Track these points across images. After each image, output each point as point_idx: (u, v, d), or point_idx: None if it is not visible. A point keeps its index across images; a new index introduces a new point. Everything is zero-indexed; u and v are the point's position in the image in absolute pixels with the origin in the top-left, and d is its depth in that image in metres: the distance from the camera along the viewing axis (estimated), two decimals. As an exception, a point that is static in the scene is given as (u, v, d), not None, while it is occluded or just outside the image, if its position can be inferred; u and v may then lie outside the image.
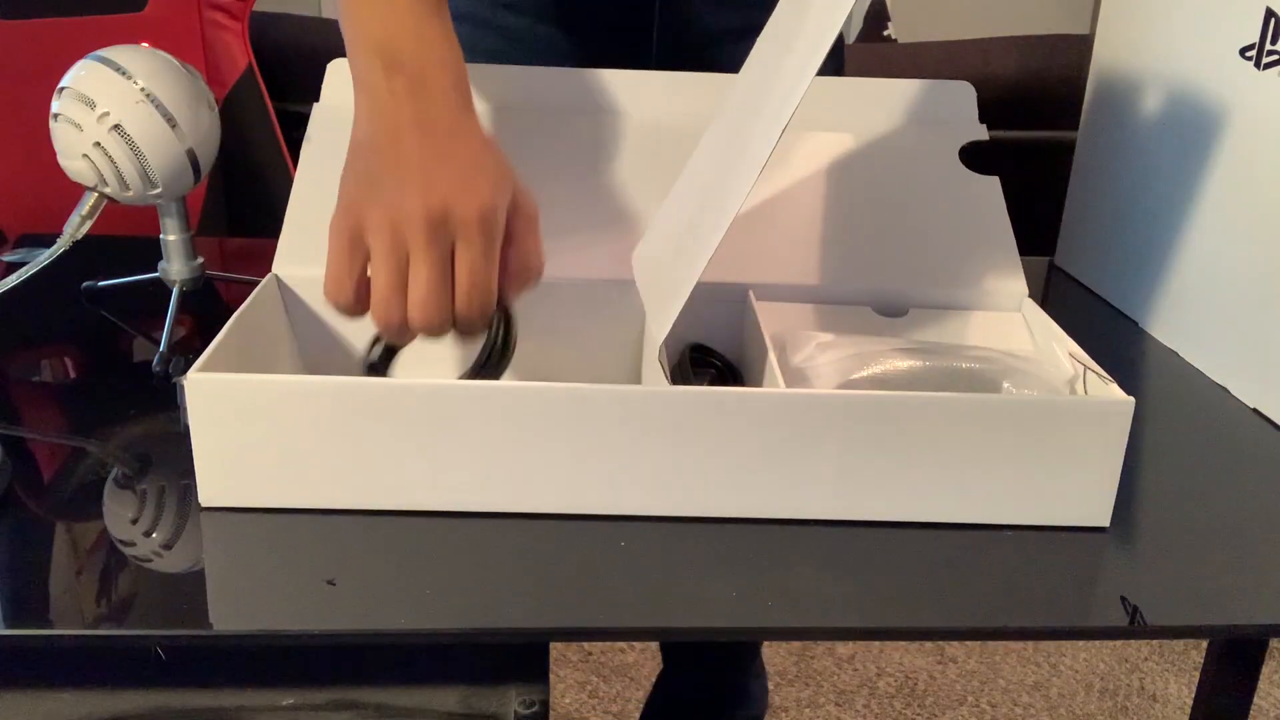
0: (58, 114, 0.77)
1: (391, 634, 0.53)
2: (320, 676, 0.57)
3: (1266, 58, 0.76)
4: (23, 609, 0.54)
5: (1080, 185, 1.02)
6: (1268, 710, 1.77)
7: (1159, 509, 0.66)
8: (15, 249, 0.94)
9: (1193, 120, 0.84)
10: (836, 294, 0.76)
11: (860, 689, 1.76)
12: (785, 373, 0.66)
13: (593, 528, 0.60)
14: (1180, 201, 0.85)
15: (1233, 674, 0.98)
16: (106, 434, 0.69)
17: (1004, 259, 0.77)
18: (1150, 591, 0.59)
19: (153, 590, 0.56)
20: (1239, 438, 0.75)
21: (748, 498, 0.61)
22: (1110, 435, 0.61)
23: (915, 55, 1.89)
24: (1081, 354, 0.66)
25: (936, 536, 0.61)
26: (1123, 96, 0.94)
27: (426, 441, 0.59)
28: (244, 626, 0.53)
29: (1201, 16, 0.83)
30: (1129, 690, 1.79)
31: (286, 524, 0.59)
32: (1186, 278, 0.85)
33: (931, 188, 0.80)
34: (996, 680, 1.79)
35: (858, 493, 0.61)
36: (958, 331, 0.76)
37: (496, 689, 0.57)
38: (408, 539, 0.59)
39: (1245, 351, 0.79)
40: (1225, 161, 0.81)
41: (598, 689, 1.75)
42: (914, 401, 0.60)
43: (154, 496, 0.62)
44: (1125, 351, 0.87)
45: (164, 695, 0.56)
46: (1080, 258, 1.01)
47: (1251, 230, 0.78)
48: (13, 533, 0.60)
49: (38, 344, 0.82)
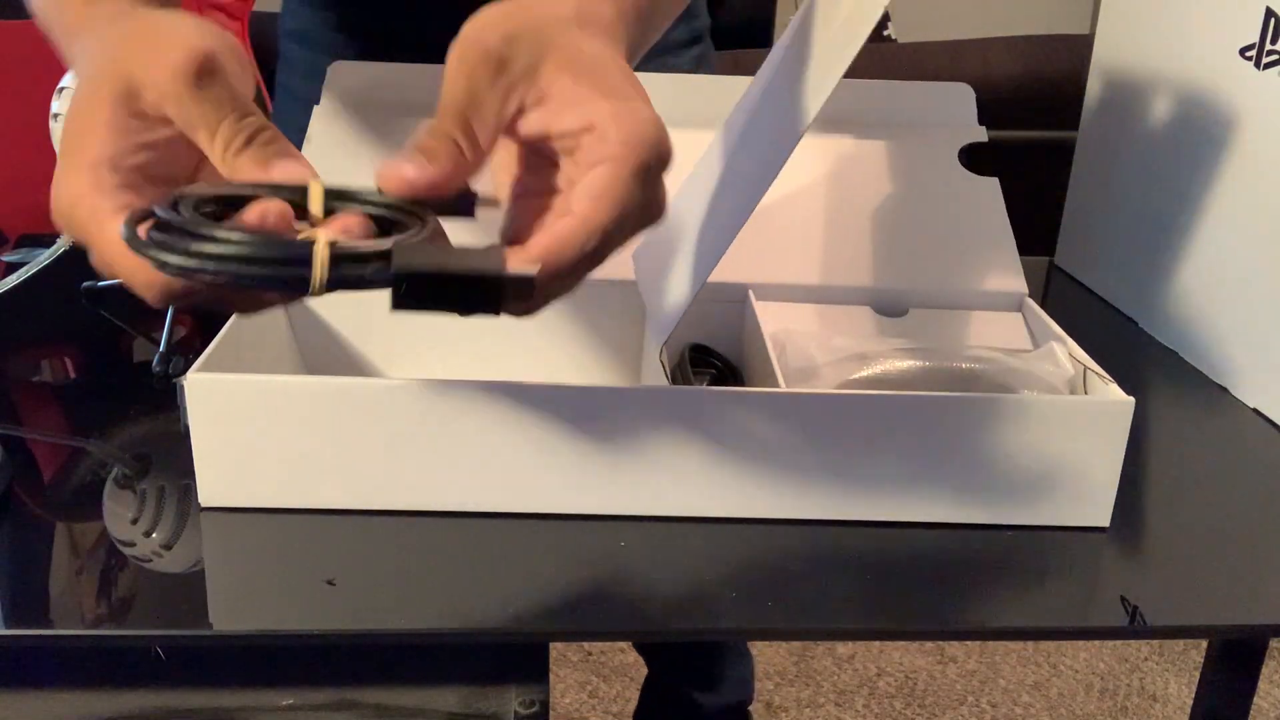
0: (58, 114, 0.77)
1: (391, 634, 0.53)
2: (320, 676, 0.57)
3: (1266, 58, 0.76)
4: (23, 609, 0.54)
5: (1080, 185, 1.02)
6: (1268, 710, 1.77)
7: (1159, 509, 0.66)
8: (15, 249, 0.94)
9: (1193, 120, 0.84)
10: (836, 294, 0.76)
11: (860, 689, 1.76)
12: (785, 373, 0.66)
13: (593, 528, 0.60)
14: (1180, 201, 0.85)
15: (1233, 674, 0.98)
16: (106, 434, 0.69)
17: (1004, 259, 0.77)
18: (1150, 591, 0.59)
19: (153, 590, 0.56)
20: (1239, 438, 0.75)
21: (747, 498, 0.61)
22: (1110, 435, 0.61)
23: (915, 55, 1.89)
24: (1081, 354, 0.66)
25: (937, 536, 0.61)
26: (1123, 96, 0.94)
27: (426, 442, 0.59)
28: (244, 626, 0.53)
29: (1201, 16, 0.83)
30: (1129, 690, 1.79)
31: (286, 524, 0.59)
32: (1186, 278, 0.85)
33: (931, 188, 0.80)
34: (996, 680, 1.79)
35: (858, 493, 0.61)
36: (958, 331, 0.76)
37: (496, 689, 0.57)
38: (407, 539, 0.59)
39: (1245, 351, 0.79)
40: (1225, 161, 0.81)
41: (598, 689, 1.75)
42: (914, 401, 0.60)
43: (154, 496, 0.62)
44: (1125, 351, 0.87)
45: (164, 695, 0.56)
46: (1080, 258, 1.01)
47: (1252, 230, 0.78)
48: (13, 533, 0.60)
49: (38, 344, 0.82)
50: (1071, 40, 1.89)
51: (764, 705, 1.72)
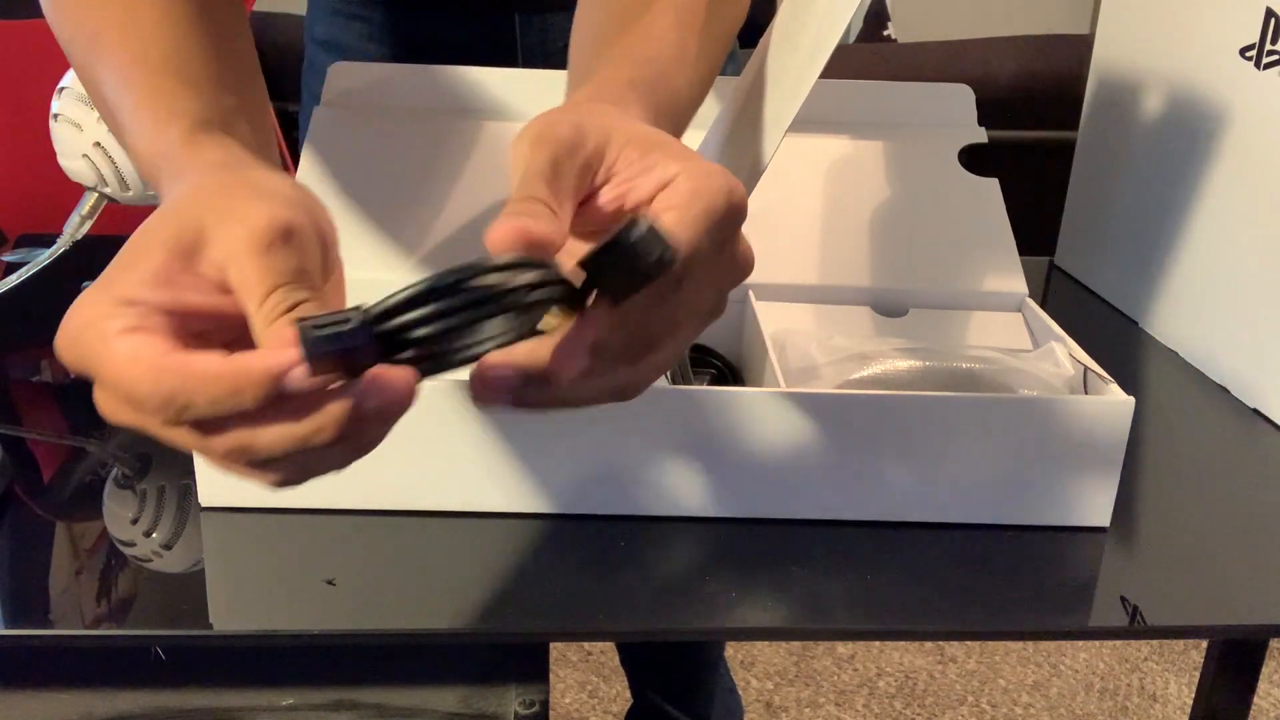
0: (58, 114, 0.77)
1: (391, 634, 0.53)
2: (320, 676, 0.57)
3: (1266, 58, 0.76)
4: (23, 609, 0.54)
5: (1080, 185, 1.01)
6: (1268, 710, 1.77)
7: (1159, 509, 0.66)
8: (15, 249, 0.94)
9: (1193, 120, 0.84)
10: (836, 294, 0.76)
11: (860, 689, 1.76)
12: (785, 373, 0.66)
13: (593, 528, 0.60)
14: (1180, 201, 0.85)
15: (1233, 674, 0.98)
16: (106, 434, 0.69)
17: (1004, 259, 0.77)
18: (1150, 591, 0.59)
19: (153, 590, 0.56)
20: (1239, 438, 0.75)
21: (748, 498, 0.61)
22: (1110, 435, 0.61)
23: (915, 55, 1.88)
24: (1081, 354, 0.66)
25: (937, 536, 0.61)
26: (1123, 96, 0.94)
27: (426, 442, 0.59)
28: (244, 626, 0.53)
29: (1201, 16, 0.83)
30: (1129, 690, 1.79)
31: (286, 524, 0.59)
32: (1186, 278, 0.85)
33: (931, 188, 0.80)
34: (996, 680, 1.79)
35: (858, 493, 0.61)
36: (958, 331, 0.76)
37: (496, 689, 0.57)
38: (408, 539, 0.59)
39: (1245, 351, 0.79)
40: (1225, 161, 0.81)
41: (598, 689, 1.75)
42: (914, 401, 0.60)
43: (154, 496, 0.62)
44: (1125, 351, 0.87)
45: (164, 695, 0.56)
46: (1080, 258, 1.01)
47: (1252, 230, 0.78)
48: (13, 533, 0.60)
49: (38, 344, 0.82)
50: (1071, 40, 1.89)
51: (764, 705, 1.72)
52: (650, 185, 0.45)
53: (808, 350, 0.67)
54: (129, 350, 0.40)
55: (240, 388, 0.38)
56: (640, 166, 0.45)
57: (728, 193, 0.44)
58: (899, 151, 0.81)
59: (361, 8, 0.93)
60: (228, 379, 0.38)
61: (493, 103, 0.79)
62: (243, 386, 0.38)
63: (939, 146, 0.81)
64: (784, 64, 0.61)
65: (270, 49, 1.76)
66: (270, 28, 1.78)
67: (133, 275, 0.42)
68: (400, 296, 0.37)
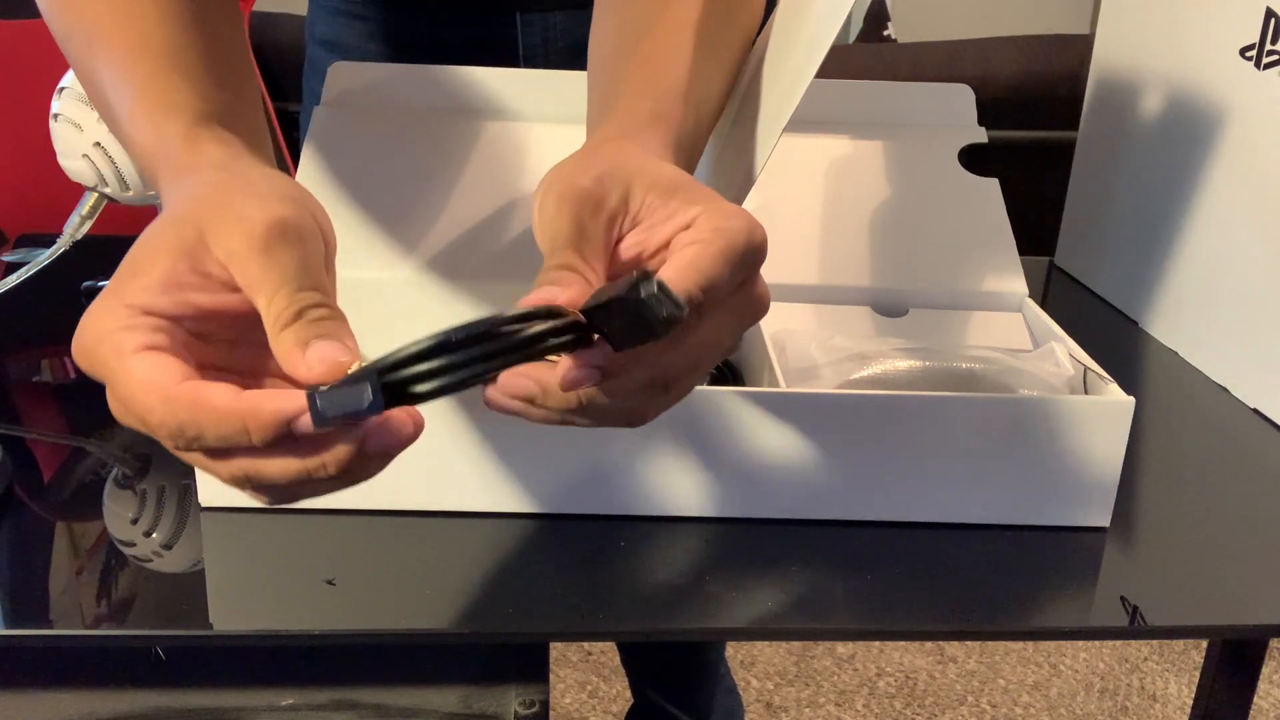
0: (58, 114, 0.77)
1: (391, 634, 0.53)
2: (320, 676, 0.57)
3: (1266, 58, 0.76)
4: (23, 609, 0.54)
5: (1080, 185, 1.01)
6: (1268, 710, 1.77)
7: (1159, 509, 0.66)
8: (15, 249, 0.94)
9: (1193, 120, 0.84)
10: (836, 294, 0.76)
11: (860, 689, 1.76)
12: (785, 373, 0.66)
13: (593, 528, 0.60)
14: (1180, 201, 0.85)
15: (1233, 674, 0.98)
16: (106, 434, 0.69)
17: (1004, 259, 0.77)
18: (1150, 591, 0.59)
19: (153, 590, 0.56)
20: (1239, 438, 0.75)
21: (748, 498, 0.61)
22: (1110, 435, 0.61)
23: (915, 55, 1.88)
24: (1081, 354, 0.66)
25: (936, 536, 0.61)
26: (1123, 96, 0.93)
27: (426, 441, 0.59)
28: (244, 626, 0.53)
29: (1201, 16, 0.83)
30: (1129, 690, 1.79)
31: (286, 524, 0.59)
32: (1186, 278, 0.85)
33: (931, 188, 0.80)
34: (996, 680, 1.79)
35: (857, 493, 0.61)
36: (958, 331, 0.76)
37: (496, 689, 0.57)
38: (408, 539, 0.59)
39: (1245, 351, 0.79)
40: (1225, 161, 0.81)
41: (598, 689, 1.75)
42: (914, 401, 0.60)
43: (154, 496, 0.62)
44: (1125, 351, 0.87)
45: (164, 695, 0.56)
46: (1080, 258, 1.01)
47: (1252, 230, 0.78)
48: (13, 533, 0.60)
49: (38, 344, 0.82)
50: (1071, 40, 1.89)
51: (764, 705, 1.72)
52: (670, 230, 0.46)
53: (808, 350, 0.67)
54: (144, 375, 0.41)
55: (249, 427, 0.39)
56: (663, 214, 0.46)
57: (748, 232, 0.45)
58: (899, 151, 0.81)
59: (363, 7, 0.93)
60: (237, 418, 0.39)
61: (493, 103, 0.79)
62: (252, 427, 0.39)
63: (939, 146, 0.81)
64: (780, 66, 0.61)
65: (270, 49, 1.76)
66: (271, 28, 1.78)
67: (142, 282, 0.43)
68: (411, 351, 0.38)
